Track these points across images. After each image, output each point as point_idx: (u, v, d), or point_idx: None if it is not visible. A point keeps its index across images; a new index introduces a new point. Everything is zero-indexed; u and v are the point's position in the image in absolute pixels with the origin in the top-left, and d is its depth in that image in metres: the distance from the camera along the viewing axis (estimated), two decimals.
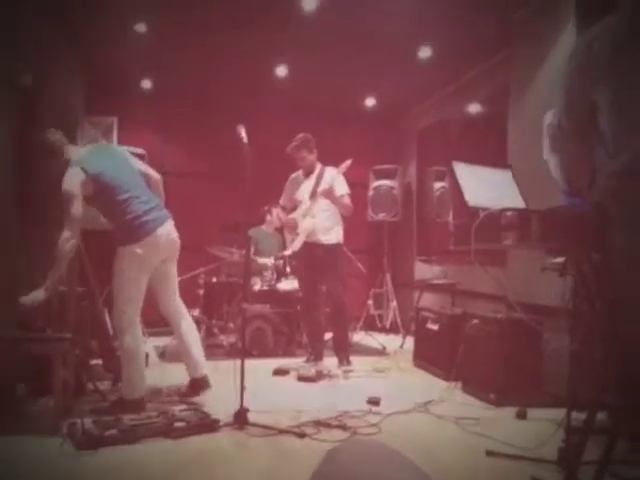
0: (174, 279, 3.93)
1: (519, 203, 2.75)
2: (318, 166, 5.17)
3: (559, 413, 2.98)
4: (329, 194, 4.88)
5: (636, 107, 2.05)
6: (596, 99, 2.12)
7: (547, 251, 2.68)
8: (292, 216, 5.15)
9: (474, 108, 6.47)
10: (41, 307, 3.32)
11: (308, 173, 5.17)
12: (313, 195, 5.01)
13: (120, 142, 6.85)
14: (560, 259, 2.70)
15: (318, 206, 4.98)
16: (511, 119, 5.05)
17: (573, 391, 2.88)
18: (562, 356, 3.44)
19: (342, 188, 5.01)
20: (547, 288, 3.61)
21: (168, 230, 3.72)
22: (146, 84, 6.86)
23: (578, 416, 2.58)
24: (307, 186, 5.13)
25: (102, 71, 6.41)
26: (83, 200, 3.50)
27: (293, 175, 5.28)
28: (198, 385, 3.87)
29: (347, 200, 5.02)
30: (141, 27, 5.19)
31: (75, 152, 3.64)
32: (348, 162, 4.77)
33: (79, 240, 3.57)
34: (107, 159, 3.69)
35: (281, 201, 5.33)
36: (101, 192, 3.56)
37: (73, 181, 3.47)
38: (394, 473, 1.04)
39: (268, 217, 6.56)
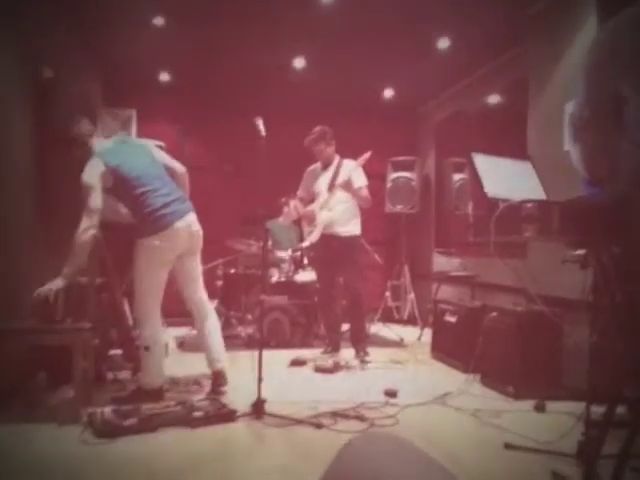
0: (197, 272, 3.93)
1: (539, 194, 2.73)
2: (336, 158, 5.15)
3: (578, 406, 2.96)
4: (347, 186, 4.87)
5: None
6: (620, 90, 2.09)
7: (567, 243, 2.65)
8: (310, 208, 5.15)
9: (492, 99, 6.40)
10: (61, 297, 3.35)
11: (326, 165, 5.16)
12: (331, 187, 5.00)
13: (139, 134, 6.90)
14: (581, 251, 2.66)
15: (336, 198, 4.97)
16: (530, 111, 4.99)
17: (593, 384, 2.86)
18: (582, 349, 3.40)
19: (360, 180, 4.99)
20: (568, 280, 3.56)
21: (188, 223, 3.72)
22: (164, 77, 6.88)
23: (598, 409, 2.55)
24: (325, 178, 5.12)
25: (121, 64, 6.44)
26: (104, 192, 3.52)
27: (311, 167, 5.28)
28: (217, 379, 3.89)
29: (365, 192, 5.00)
30: (159, 20, 5.19)
31: (99, 144, 3.67)
32: (367, 154, 4.75)
33: (98, 231, 3.60)
34: (128, 152, 3.71)
35: (299, 193, 5.33)
36: (120, 184, 3.58)
37: (92, 172, 3.50)
38: (410, 468, 1.03)
39: (285, 209, 6.57)
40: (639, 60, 2.05)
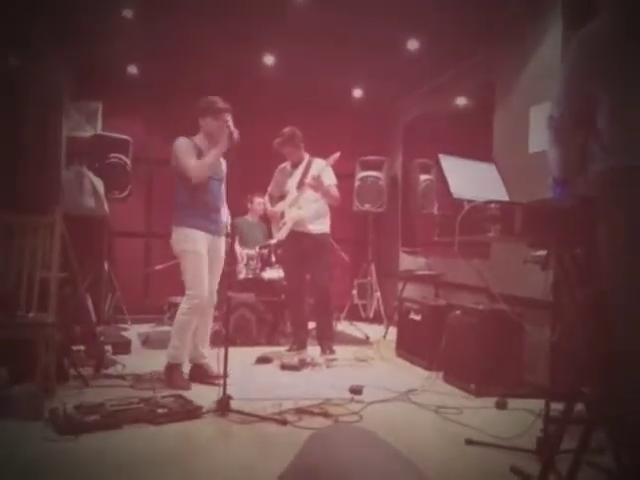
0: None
1: (503, 196, 2.78)
2: (306, 157, 5.17)
3: (538, 404, 3.03)
4: (316, 185, 4.89)
5: (634, 106, 2.08)
6: (594, 94, 2.16)
7: (530, 244, 2.72)
8: (279, 205, 5.17)
9: (460, 102, 6.49)
10: (23, 291, 3.30)
11: (296, 164, 5.18)
12: (300, 185, 5.02)
13: (105, 128, 6.80)
14: (542, 252, 2.73)
15: (305, 196, 4.99)
16: (496, 114, 5.08)
17: (552, 382, 2.93)
18: (543, 347, 3.49)
19: (330, 179, 5.03)
20: (529, 280, 3.65)
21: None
22: (132, 70, 6.77)
23: (557, 407, 2.62)
24: (295, 177, 5.14)
25: (88, 55, 6.33)
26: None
27: (281, 165, 5.29)
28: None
29: (334, 190, 5.04)
30: (128, 13, 5.13)
31: None
32: (337, 155, 4.79)
33: (62, 225, 3.55)
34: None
35: (269, 190, 5.34)
36: None
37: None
38: (378, 458, 1.05)
39: (249, 206, 6.64)
40: (612, 69, 2.12)
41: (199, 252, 3.95)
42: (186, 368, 4.11)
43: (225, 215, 4.18)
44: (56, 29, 5.46)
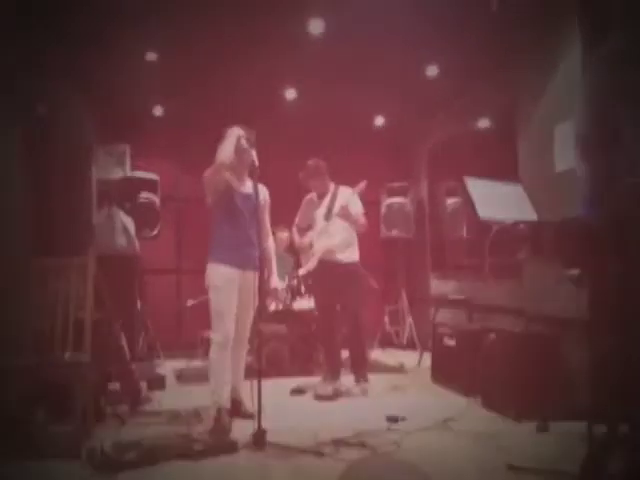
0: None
1: (531, 216, 2.76)
2: (332, 186, 5.20)
3: (581, 426, 2.95)
4: (344, 214, 4.91)
5: None
6: (618, 109, 2.15)
7: (562, 262, 2.68)
8: (308, 236, 5.19)
9: (482, 124, 6.48)
10: (58, 332, 3.35)
11: (322, 195, 5.20)
12: (328, 215, 5.03)
13: (133, 169, 6.95)
14: (575, 270, 2.69)
15: (333, 226, 5.01)
16: (520, 134, 5.06)
17: (595, 403, 2.86)
18: (582, 368, 3.41)
19: (357, 207, 5.04)
20: (564, 300, 3.59)
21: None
22: (158, 111, 6.94)
23: (600, 429, 2.55)
24: (322, 207, 5.16)
25: (113, 99, 6.51)
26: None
27: (308, 196, 5.31)
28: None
29: (362, 219, 5.05)
30: (152, 55, 5.27)
31: None
32: (363, 184, 4.80)
33: (95, 265, 3.61)
34: None
35: (297, 222, 5.36)
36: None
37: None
38: None
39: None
40: (635, 78, 2.10)
41: (222, 288, 3.83)
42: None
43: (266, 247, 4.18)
44: (80, 75, 5.64)
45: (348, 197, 4.92)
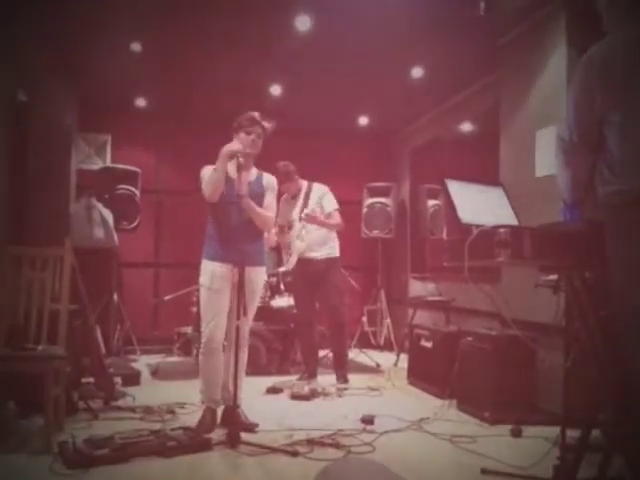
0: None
1: (512, 220, 2.76)
2: (304, 185, 5.18)
3: (554, 431, 2.97)
4: (312, 219, 4.90)
5: None
6: (603, 114, 2.15)
7: (540, 268, 2.69)
8: (289, 236, 5.17)
9: (466, 127, 6.51)
10: (33, 324, 3.29)
11: (295, 195, 5.19)
12: (301, 217, 5.02)
13: (114, 160, 6.87)
14: (553, 276, 2.71)
15: (307, 227, 5.00)
16: (502, 138, 5.08)
17: (567, 409, 2.88)
18: (556, 373, 3.43)
19: (331, 205, 5.05)
20: (541, 305, 3.61)
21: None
22: (140, 102, 6.86)
23: (573, 434, 2.57)
24: (297, 207, 5.15)
25: (96, 89, 6.43)
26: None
27: (283, 196, 5.28)
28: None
29: (336, 216, 5.04)
30: (136, 46, 5.21)
31: None
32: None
33: (72, 258, 3.56)
34: None
35: (278, 221, 5.32)
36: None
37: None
38: None
39: None
40: (623, 84, 2.11)
41: (211, 287, 3.69)
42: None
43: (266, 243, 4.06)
44: (64, 63, 5.56)
45: (322, 195, 4.92)
